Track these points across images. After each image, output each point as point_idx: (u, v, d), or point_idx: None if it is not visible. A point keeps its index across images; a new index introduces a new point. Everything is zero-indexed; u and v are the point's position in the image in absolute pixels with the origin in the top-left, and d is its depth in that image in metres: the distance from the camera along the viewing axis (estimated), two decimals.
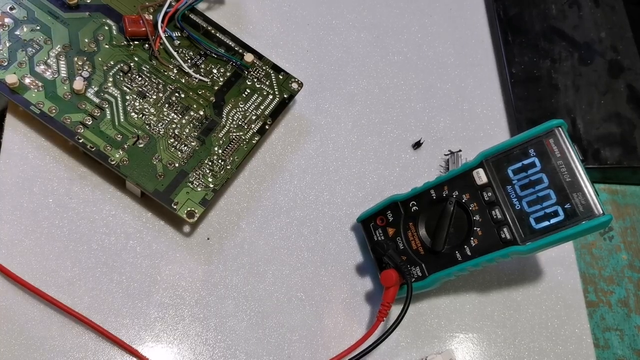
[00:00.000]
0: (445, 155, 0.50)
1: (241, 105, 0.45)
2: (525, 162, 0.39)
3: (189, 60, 0.46)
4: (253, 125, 0.45)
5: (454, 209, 0.40)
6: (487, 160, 0.40)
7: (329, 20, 0.53)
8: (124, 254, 0.41)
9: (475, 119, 0.52)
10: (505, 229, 0.38)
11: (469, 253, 0.39)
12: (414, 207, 0.42)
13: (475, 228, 0.39)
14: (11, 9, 0.43)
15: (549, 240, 0.38)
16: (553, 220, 0.38)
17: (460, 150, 0.49)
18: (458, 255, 0.40)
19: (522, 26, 0.56)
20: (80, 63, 0.43)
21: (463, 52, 0.55)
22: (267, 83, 0.47)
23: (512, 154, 0.39)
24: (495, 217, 0.39)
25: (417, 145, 0.50)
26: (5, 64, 0.41)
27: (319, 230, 0.45)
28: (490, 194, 0.39)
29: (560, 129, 0.38)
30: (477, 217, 0.39)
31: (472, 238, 0.39)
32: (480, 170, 0.40)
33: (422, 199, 0.42)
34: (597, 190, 0.37)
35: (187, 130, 0.43)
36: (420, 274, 0.41)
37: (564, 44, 0.55)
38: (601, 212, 0.37)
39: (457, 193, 0.40)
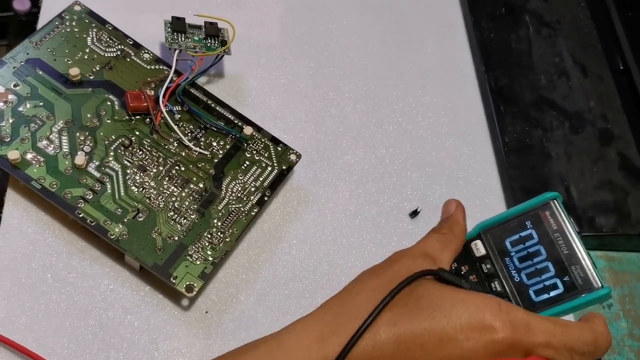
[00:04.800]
0: None
1: (240, 177, 0.46)
2: (523, 234, 0.39)
3: (189, 134, 0.46)
4: (252, 197, 0.45)
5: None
6: (485, 232, 0.40)
7: (326, 92, 0.55)
8: (122, 329, 0.41)
9: (471, 188, 0.53)
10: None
11: None
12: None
13: None
14: (15, 85, 0.44)
15: (550, 313, 0.37)
16: (552, 293, 0.37)
17: None
18: None
19: (513, 96, 0.57)
20: (82, 138, 0.44)
21: (456, 122, 0.57)
22: (266, 155, 0.47)
23: (509, 226, 0.39)
24: (495, 289, 0.39)
25: (414, 214, 0.50)
26: (8, 139, 0.42)
27: (318, 302, 0.45)
28: (489, 265, 0.39)
29: (555, 201, 0.39)
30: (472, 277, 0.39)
31: None
32: (478, 242, 0.40)
33: None
34: (595, 263, 0.38)
35: (186, 203, 0.44)
36: None
37: (554, 113, 0.56)
38: (600, 285, 0.37)
39: (455, 265, 0.40)
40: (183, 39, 0.49)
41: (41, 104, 0.44)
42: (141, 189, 0.43)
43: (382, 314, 0.29)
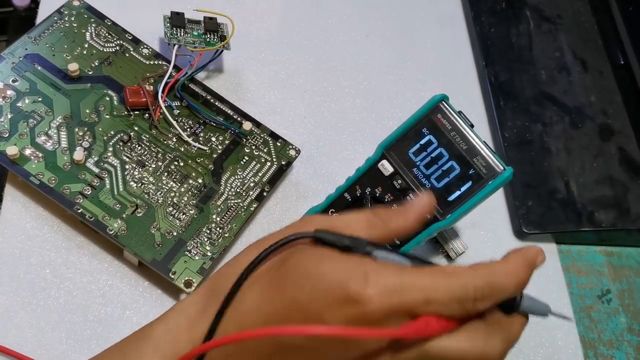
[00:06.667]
0: None
1: (239, 173, 0.46)
2: (422, 141, 0.40)
3: (188, 129, 0.46)
4: (251, 193, 0.45)
5: (370, 204, 0.41)
6: (388, 150, 0.41)
7: (325, 87, 0.55)
8: (120, 324, 0.41)
9: None
10: None
11: (397, 242, 0.40)
12: (334, 215, 0.42)
13: None
14: (14, 81, 0.44)
15: (466, 207, 0.39)
16: (463, 189, 0.39)
17: None
18: (388, 247, 0.40)
19: (513, 91, 0.57)
20: (81, 133, 0.44)
21: None
22: (265, 150, 0.47)
23: (408, 137, 0.40)
24: None
25: None
26: (7, 135, 0.42)
27: None
28: (400, 181, 0.40)
29: (443, 102, 0.40)
30: (394, 207, 0.40)
31: None
32: (385, 162, 0.41)
33: (339, 204, 0.43)
34: (493, 150, 0.39)
35: (185, 199, 0.44)
36: None
37: (554, 108, 0.56)
38: (503, 168, 0.39)
39: (369, 189, 0.41)
40: (182, 34, 0.48)
41: (40, 99, 0.44)
42: (140, 184, 0.43)
43: (248, 295, 0.28)
